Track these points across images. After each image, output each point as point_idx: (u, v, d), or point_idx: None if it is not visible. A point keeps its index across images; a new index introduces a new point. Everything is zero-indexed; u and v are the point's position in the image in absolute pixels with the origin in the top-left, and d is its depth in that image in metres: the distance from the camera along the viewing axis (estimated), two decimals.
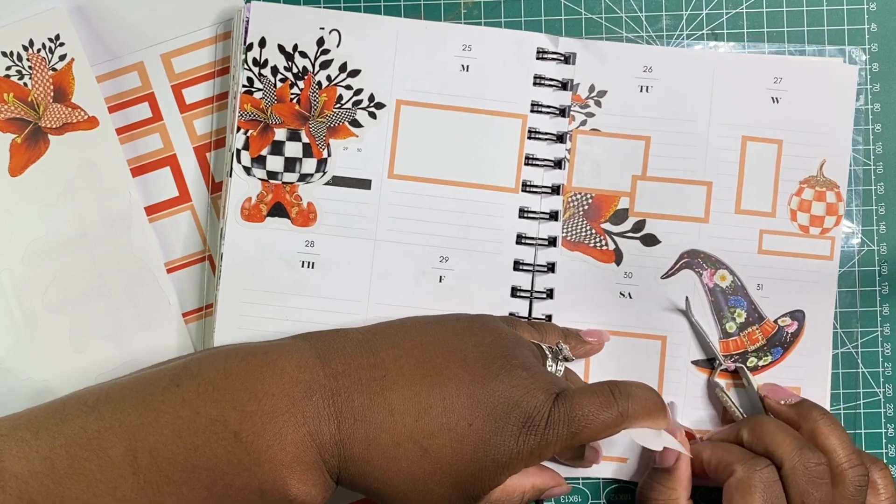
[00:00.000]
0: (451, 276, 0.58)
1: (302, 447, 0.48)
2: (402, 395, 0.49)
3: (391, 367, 0.50)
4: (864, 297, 0.60)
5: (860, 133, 0.60)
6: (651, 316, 0.59)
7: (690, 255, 0.59)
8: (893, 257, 0.60)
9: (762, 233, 0.59)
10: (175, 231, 0.59)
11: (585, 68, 0.59)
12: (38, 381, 0.58)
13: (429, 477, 0.49)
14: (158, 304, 0.59)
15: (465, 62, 0.59)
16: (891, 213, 0.60)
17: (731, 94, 0.59)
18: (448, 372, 0.50)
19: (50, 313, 0.58)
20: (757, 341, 0.59)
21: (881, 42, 0.60)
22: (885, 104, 0.60)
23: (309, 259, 0.58)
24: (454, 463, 0.49)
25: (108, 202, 0.58)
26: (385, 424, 0.49)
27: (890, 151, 0.60)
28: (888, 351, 0.60)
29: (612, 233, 0.59)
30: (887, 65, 0.60)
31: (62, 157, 0.58)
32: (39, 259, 0.58)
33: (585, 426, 0.49)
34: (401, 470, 0.49)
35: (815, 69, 0.59)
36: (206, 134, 0.60)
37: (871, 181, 0.60)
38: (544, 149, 0.59)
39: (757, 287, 0.59)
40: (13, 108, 0.58)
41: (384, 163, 0.59)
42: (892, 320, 0.60)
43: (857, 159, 0.60)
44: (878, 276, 0.60)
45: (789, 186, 0.59)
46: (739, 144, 0.59)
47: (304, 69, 0.58)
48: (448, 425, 0.49)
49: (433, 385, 0.49)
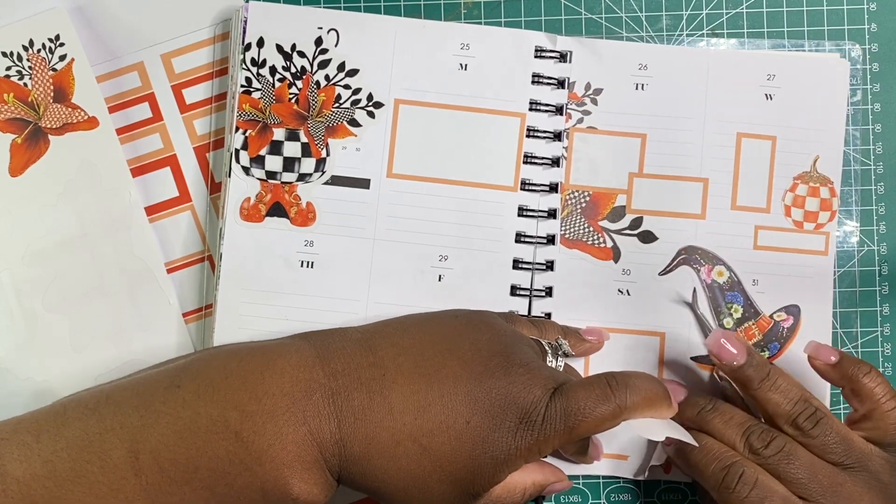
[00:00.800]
0: (450, 275, 0.59)
1: (303, 446, 0.48)
2: (401, 394, 0.49)
3: (390, 366, 0.50)
4: (864, 297, 0.60)
5: (860, 133, 0.60)
6: (649, 312, 0.59)
7: (688, 252, 0.59)
8: (893, 257, 0.60)
9: (757, 228, 0.59)
10: (175, 231, 0.59)
11: (582, 66, 0.60)
12: (38, 381, 0.58)
13: (429, 475, 0.49)
14: (158, 305, 0.59)
15: (463, 61, 0.59)
16: (891, 213, 0.61)
17: (726, 92, 0.59)
18: (446, 370, 0.50)
19: (50, 313, 0.58)
20: (753, 336, 0.59)
21: (881, 42, 0.61)
22: (885, 104, 0.61)
23: (308, 259, 0.58)
24: (454, 461, 0.49)
25: (108, 202, 0.58)
26: (385, 423, 0.49)
27: (890, 151, 0.61)
28: (888, 351, 0.60)
29: (609, 230, 0.60)
30: (887, 65, 0.61)
31: (62, 157, 0.58)
32: (39, 259, 0.58)
33: (583, 420, 0.49)
34: (401, 468, 0.49)
35: (807, 65, 0.60)
36: (207, 134, 0.60)
37: (871, 181, 0.61)
38: (543, 147, 0.59)
39: (753, 283, 0.59)
40: (13, 108, 0.58)
41: (383, 162, 0.59)
42: (892, 320, 0.61)
43: (856, 159, 0.60)
44: (878, 276, 0.60)
45: (783, 182, 0.59)
46: (734, 141, 0.59)
47: (303, 69, 0.58)
48: (447, 423, 0.49)
49: (432, 383, 0.50)
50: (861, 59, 0.61)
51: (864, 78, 0.61)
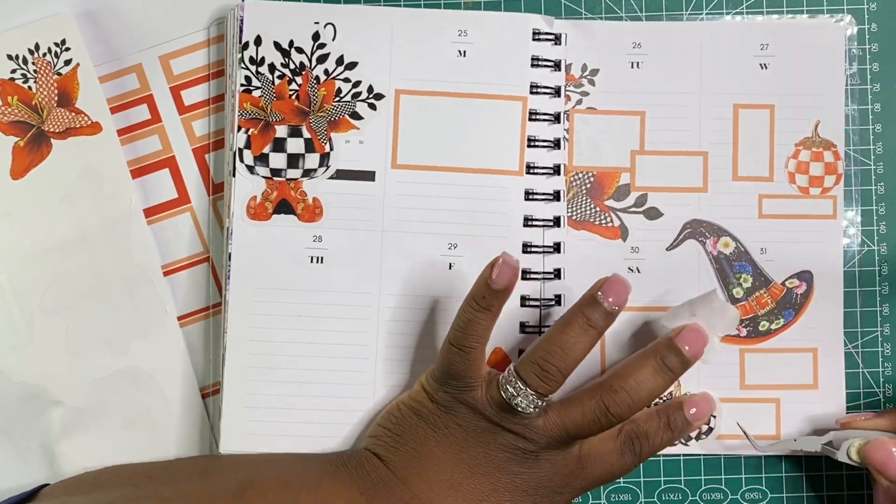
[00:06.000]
0: (460, 263, 0.59)
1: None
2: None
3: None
4: (864, 297, 0.60)
5: (860, 133, 0.60)
6: (660, 288, 0.60)
7: (693, 226, 0.60)
8: (893, 257, 0.60)
9: (761, 198, 0.60)
10: (174, 233, 0.59)
11: (577, 48, 0.60)
12: (32, 384, 0.57)
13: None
14: (155, 311, 0.58)
15: (461, 48, 0.59)
16: (891, 213, 0.61)
17: (720, 64, 0.60)
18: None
19: (47, 317, 0.57)
20: (766, 305, 0.60)
21: (881, 42, 0.61)
22: (885, 104, 0.61)
23: (317, 254, 0.58)
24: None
25: (108, 207, 0.58)
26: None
27: (890, 151, 0.61)
28: (888, 351, 0.61)
29: (616, 209, 0.60)
30: (887, 64, 0.61)
31: (64, 161, 0.58)
32: (38, 262, 0.57)
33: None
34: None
35: (801, 31, 0.60)
36: (206, 135, 0.59)
37: (871, 181, 0.61)
38: (545, 129, 0.59)
39: (761, 251, 0.60)
40: (17, 111, 0.58)
41: (387, 153, 0.59)
42: (892, 320, 0.61)
43: (856, 159, 0.60)
44: (878, 276, 0.61)
45: (785, 150, 0.60)
46: (731, 113, 0.60)
47: (302, 65, 0.58)
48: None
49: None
50: (857, 37, 0.61)
51: (865, 78, 0.61)
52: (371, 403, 0.58)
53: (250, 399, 0.57)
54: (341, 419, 0.58)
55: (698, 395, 0.57)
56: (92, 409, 0.57)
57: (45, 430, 0.57)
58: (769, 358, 0.59)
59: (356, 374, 0.58)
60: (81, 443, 0.57)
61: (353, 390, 0.58)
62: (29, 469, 0.57)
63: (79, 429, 0.57)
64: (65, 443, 0.57)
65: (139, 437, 0.58)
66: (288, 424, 0.57)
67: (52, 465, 0.57)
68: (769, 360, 0.59)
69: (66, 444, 0.57)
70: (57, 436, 0.57)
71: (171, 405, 0.58)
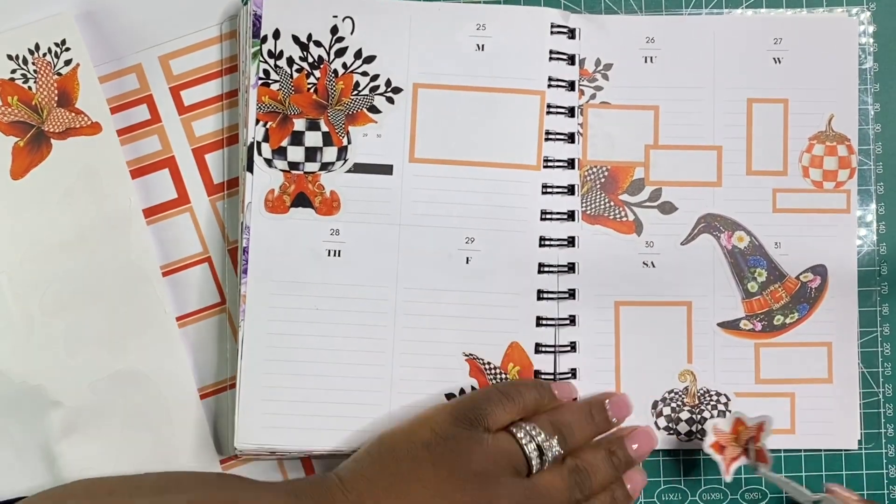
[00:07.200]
0: (477, 257, 0.59)
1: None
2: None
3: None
4: (864, 297, 0.61)
5: (860, 133, 0.61)
6: (675, 283, 0.60)
7: (707, 220, 0.60)
8: (893, 257, 0.61)
9: (775, 192, 0.60)
10: (173, 233, 0.59)
11: (590, 43, 0.60)
12: (32, 384, 0.57)
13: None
14: (154, 311, 0.58)
15: (479, 41, 0.59)
16: (891, 213, 0.61)
17: (734, 58, 0.60)
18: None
19: (47, 317, 0.57)
20: (781, 299, 0.60)
21: (881, 42, 0.61)
22: (885, 104, 0.61)
23: (335, 248, 0.58)
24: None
25: (107, 208, 0.58)
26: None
27: (890, 151, 0.61)
28: (888, 351, 0.61)
29: (630, 203, 0.60)
30: (887, 64, 0.61)
31: (64, 161, 0.57)
32: (38, 262, 0.57)
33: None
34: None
35: (815, 25, 0.61)
36: (205, 135, 0.59)
37: (872, 181, 0.61)
38: (562, 123, 0.60)
39: (775, 245, 0.60)
40: (17, 111, 0.57)
41: (405, 147, 0.59)
42: (892, 320, 0.61)
43: (856, 159, 0.61)
44: (878, 276, 0.61)
45: (799, 144, 0.60)
46: (745, 107, 0.60)
47: (320, 58, 0.58)
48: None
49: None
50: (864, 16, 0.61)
51: (865, 78, 0.61)
52: (387, 397, 0.58)
53: (267, 392, 0.57)
54: (358, 413, 0.58)
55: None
56: (91, 409, 0.57)
57: (44, 430, 0.57)
58: (784, 352, 0.60)
59: (373, 367, 0.58)
60: (80, 443, 0.57)
61: (370, 384, 0.58)
62: (28, 469, 0.57)
63: (78, 429, 0.57)
64: (64, 443, 0.57)
65: (138, 437, 0.58)
66: (304, 418, 0.57)
67: (52, 466, 0.57)
68: (784, 355, 0.60)
69: (65, 444, 0.57)
70: (56, 436, 0.57)
71: (170, 405, 0.58)
